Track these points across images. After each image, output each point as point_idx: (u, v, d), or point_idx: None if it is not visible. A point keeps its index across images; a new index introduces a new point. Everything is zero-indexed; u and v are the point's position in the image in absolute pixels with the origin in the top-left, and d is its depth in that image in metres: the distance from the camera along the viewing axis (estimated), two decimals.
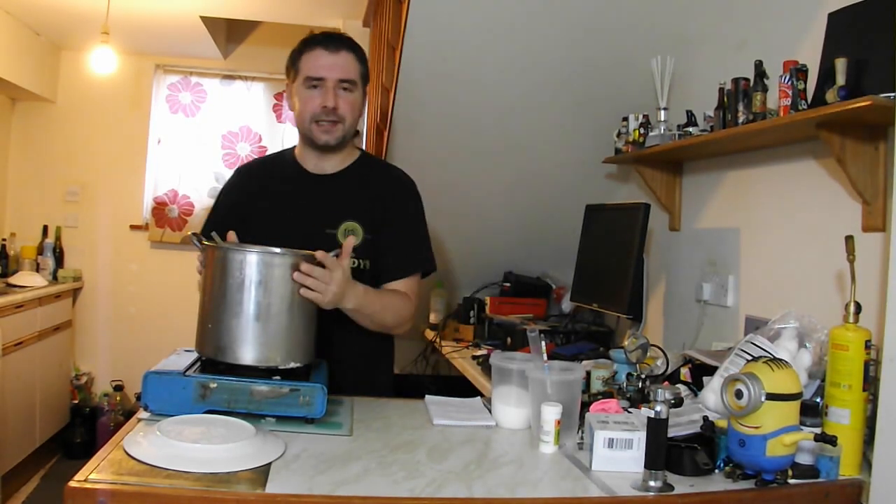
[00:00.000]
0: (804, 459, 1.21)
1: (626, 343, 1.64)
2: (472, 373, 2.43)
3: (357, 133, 1.73)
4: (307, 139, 1.72)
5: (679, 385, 1.59)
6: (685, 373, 1.68)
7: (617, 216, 2.45)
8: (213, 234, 1.49)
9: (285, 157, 1.82)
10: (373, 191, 1.74)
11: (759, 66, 1.78)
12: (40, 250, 4.37)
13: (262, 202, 1.75)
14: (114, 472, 1.04)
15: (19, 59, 4.06)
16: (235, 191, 1.83)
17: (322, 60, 1.65)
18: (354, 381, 1.66)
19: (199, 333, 1.42)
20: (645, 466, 1.16)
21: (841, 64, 1.51)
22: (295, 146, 1.82)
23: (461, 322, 3.11)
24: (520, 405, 1.45)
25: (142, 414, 1.31)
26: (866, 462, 1.24)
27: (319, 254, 1.41)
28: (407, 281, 1.71)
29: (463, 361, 2.65)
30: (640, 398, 1.55)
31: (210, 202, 4.66)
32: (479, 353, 2.67)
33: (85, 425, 4.29)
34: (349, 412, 1.47)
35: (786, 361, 1.20)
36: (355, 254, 1.62)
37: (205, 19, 3.99)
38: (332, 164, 1.75)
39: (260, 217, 1.71)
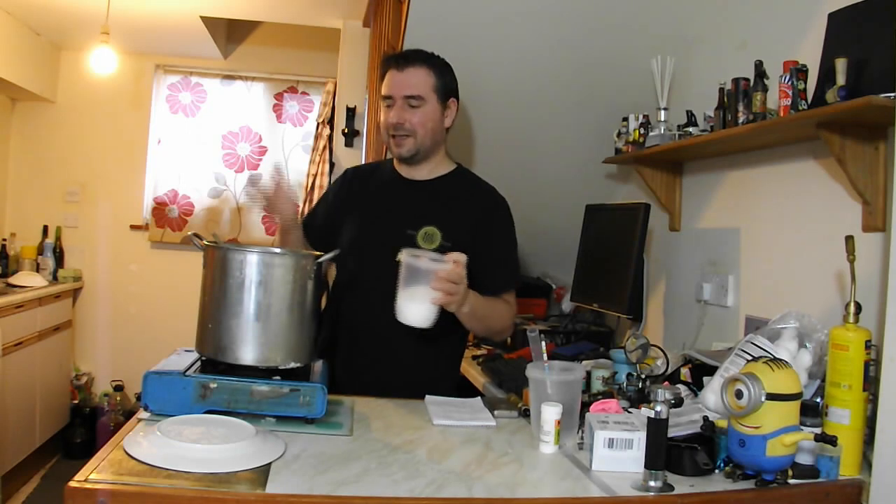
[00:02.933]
0: (804, 459, 1.21)
1: (626, 343, 1.64)
2: (472, 373, 2.42)
3: (435, 143, 1.84)
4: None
5: (679, 385, 1.59)
6: (685, 373, 1.69)
7: (617, 216, 2.45)
8: (214, 233, 1.50)
9: (386, 164, 1.93)
10: (462, 202, 1.82)
11: (759, 66, 1.78)
12: (40, 250, 4.37)
13: (359, 202, 1.86)
14: (114, 472, 1.04)
15: (19, 59, 4.07)
16: (335, 192, 1.95)
17: (392, 80, 1.77)
18: (420, 386, 1.68)
19: (200, 333, 1.42)
20: (645, 466, 1.16)
21: (841, 64, 1.51)
22: None
23: None
24: (423, 301, 1.43)
25: (142, 414, 1.31)
26: (866, 462, 1.24)
27: (456, 255, 1.45)
28: (508, 294, 1.81)
29: (462, 361, 2.64)
30: (640, 398, 1.55)
31: (210, 202, 4.68)
32: (478, 352, 2.67)
33: (85, 425, 4.30)
34: (349, 412, 1.47)
35: (786, 361, 1.20)
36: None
37: (205, 19, 3.99)
38: (422, 173, 1.84)
39: (353, 216, 1.82)
